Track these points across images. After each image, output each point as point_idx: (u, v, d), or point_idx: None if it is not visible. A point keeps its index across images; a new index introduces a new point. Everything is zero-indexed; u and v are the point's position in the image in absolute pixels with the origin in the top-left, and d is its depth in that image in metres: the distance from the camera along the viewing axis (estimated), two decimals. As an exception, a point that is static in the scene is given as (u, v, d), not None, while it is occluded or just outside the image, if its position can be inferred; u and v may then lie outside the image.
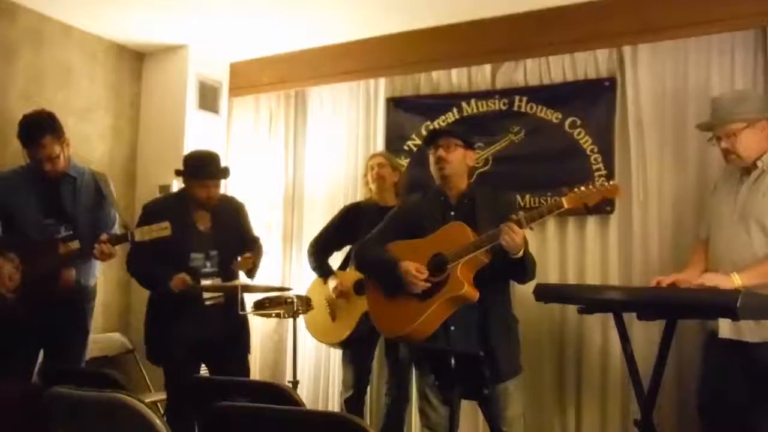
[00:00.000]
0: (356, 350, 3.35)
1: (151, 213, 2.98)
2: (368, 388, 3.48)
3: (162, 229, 2.76)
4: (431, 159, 2.63)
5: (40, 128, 2.84)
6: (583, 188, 2.32)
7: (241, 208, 3.27)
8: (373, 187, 3.41)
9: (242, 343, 3.16)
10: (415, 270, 2.47)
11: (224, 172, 3.08)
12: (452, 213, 2.58)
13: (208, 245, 3.03)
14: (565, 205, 2.30)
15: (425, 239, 2.55)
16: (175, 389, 2.99)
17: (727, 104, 2.56)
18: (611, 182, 2.29)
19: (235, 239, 3.12)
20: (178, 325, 2.90)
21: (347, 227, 3.42)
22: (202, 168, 3.00)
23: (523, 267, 2.42)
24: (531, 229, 2.38)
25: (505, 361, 2.45)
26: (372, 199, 3.43)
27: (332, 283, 3.35)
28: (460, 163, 2.60)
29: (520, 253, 2.35)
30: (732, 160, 2.55)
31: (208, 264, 3.01)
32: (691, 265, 2.65)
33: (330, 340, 3.41)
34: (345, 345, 3.36)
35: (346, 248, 3.53)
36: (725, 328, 2.49)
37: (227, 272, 3.05)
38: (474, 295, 2.41)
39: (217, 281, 3.00)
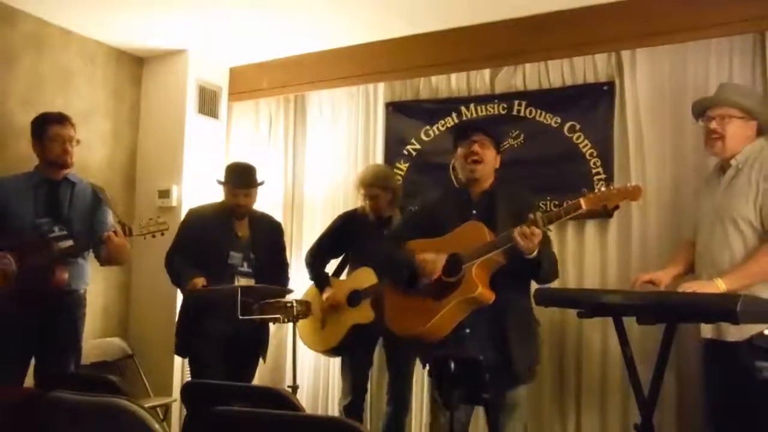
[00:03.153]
0: (354, 358, 3.36)
1: (194, 214, 3.28)
2: (367, 396, 3.48)
3: (159, 224, 2.89)
4: (461, 153, 2.56)
5: (63, 115, 3.03)
6: (603, 189, 2.29)
7: (279, 227, 3.47)
8: (368, 210, 3.36)
9: (261, 348, 3.29)
10: (434, 259, 2.45)
11: (254, 183, 3.24)
12: (474, 211, 2.56)
13: (247, 248, 3.21)
14: (584, 207, 2.26)
15: (442, 238, 2.52)
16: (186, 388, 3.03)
17: (732, 89, 2.63)
18: (633, 183, 2.25)
19: (270, 251, 3.32)
20: (208, 322, 3.04)
21: (343, 236, 3.45)
22: (234, 177, 3.22)
23: (538, 266, 2.38)
24: (549, 230, 2.38)
25: (523, 364, 2.42)
26: (367, 210, 3.40)
27: (326, 294, 3.36)
28: (489, 163, 2.57)
29: (534, 253, 2.32)
30: (713, 144, 2.55)
31: (245, 264, 3.19)
32: (672, 264, 2.69)
33: (316, 347, 3.44)
34: (332, 353, 3.40)
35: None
36: (705, 328, 2.52)
37: (263, 277, 3.15)
38: (489, 297, 2.39)
39: (251, 282, 3.12)
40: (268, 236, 3.33)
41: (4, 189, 2.94)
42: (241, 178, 3.21)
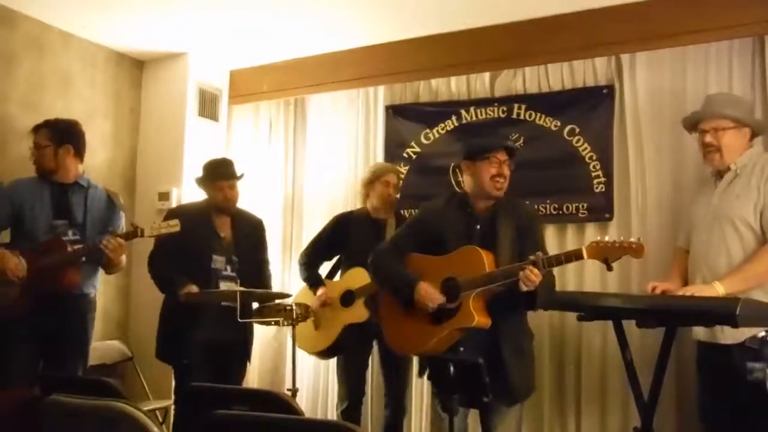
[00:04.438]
0: (349, 361, 3.34)
1: (174, 215, 3.12)
2: (365, 399, 3.46)
3: (171, 225, 2.86)
4: (491, 169, 2.52)
5: (40, 123, 3.13)
6: (607, 240, 2.29)
7: (261, 224, 3.40)
8: (376, 203, 3.35)
9: (246, 349, 3.24)
10: (432, 295, 2.45)
11: (237, 174, 3.21)
12: (478, 227, 2.54)
13: (230, 251, 3.15)
14: (585, 256, 2.28)
15: (441, 258, 2.51)
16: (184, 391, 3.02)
17: (721, 101, 2.64)
18: (637, 240, 2.25)
19: (253, 250, 3.26)
20: (192, 327, 2.99)
21: (337, 237, 3.44)
22: (216, 171, 3.18)
23: (532, 300, 2.37)
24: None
25: (520, 382, 2.42)
26: (364, 210, 3.42)
27: (319, 291, 3.36)
28: (508, 178, 2.59)
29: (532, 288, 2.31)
30: (712, 158, 2.58)
31: (229, 268, 3.14)
32: (672, 275, 2.69)
33: (310, 348, 3.41)
34: (326, 355, 3.38)
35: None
36: (700, 330, 2.52)
37: (246, 278, 3.11)
38: (486, 324, 2.39)
39: (234, 285, 3.06)
40: (251, 235, 3.28)
41: (21, 192, 2.99)
42: (223, 170, 3.19)
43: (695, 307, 2.22)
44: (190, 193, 4.14)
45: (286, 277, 4.26)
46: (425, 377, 2.60)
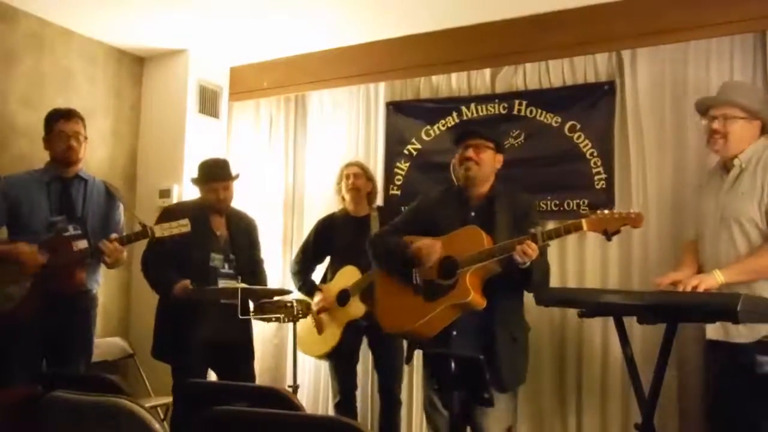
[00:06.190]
0: (340, 356, 3.36)
1: (171, 214, 3.09)
2: (358, 392, 3.51)
3: (182, 225, 2.84)
4: (457, 157, 2.62)
5: (71, 110, 3.04)
6: (606, 212, 2.29)
7: (255, 224, 3.41)
8: (347, 197, 3.41)
9: (250, 348, 3.24)
10: (431, 244, 2.47)
11: (231, 175, 3.19)
12: (473, 214, 2.57)
13: (227, 249, 3.16)
14: (585, 228, 2.28)
15: (440, 239, 2.53)
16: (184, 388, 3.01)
17: (735, 89, 2.60)
18: (635, 211, 2.26)
19: (249, 249, 3.27)
20: (190, 327, 2.96)
21: (324, 241, 3.47)
22: (210, 172, 3.16)
23: (528, 277, 2.39)
24: (548, 245, 2.38)
25: (508, 371, 2.42)
26: (345, 210, 3.45)
27: (316, 298, 3.38)
28: (487, 165, 2.59)
29: (527, 264, 2.33)
30: (717, 145, 2.54)
31: (227, 266, 3.14)
32: (684, 265, 2.65)
33: (317, 353, 3.42)
34: (332, 356, 3.38)
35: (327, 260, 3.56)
36: (711, 329, 2.50)
37: (243, 276, 3.11)
38: (480, 303, 2.39)
39: (233, 283, 3.05)
40: (246, 234, 3.29)
41: (16, 187, 2.92)
42: (217, 171, 3.17)
43: (696, 303, 2.21)
44: (190, 190, 4.14)
45: (286, 274, 4.26)
46: (423, 370, 2.60)
